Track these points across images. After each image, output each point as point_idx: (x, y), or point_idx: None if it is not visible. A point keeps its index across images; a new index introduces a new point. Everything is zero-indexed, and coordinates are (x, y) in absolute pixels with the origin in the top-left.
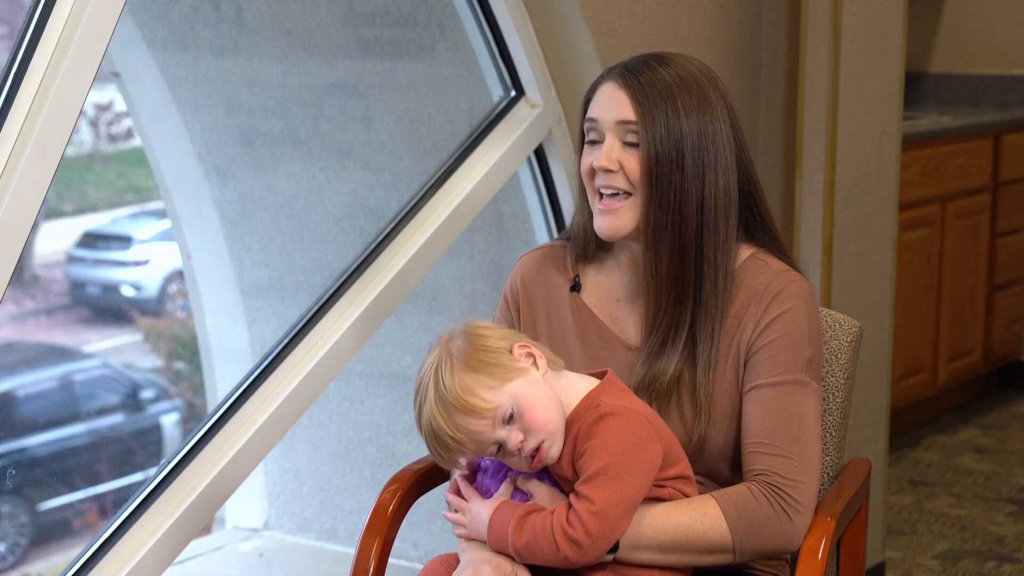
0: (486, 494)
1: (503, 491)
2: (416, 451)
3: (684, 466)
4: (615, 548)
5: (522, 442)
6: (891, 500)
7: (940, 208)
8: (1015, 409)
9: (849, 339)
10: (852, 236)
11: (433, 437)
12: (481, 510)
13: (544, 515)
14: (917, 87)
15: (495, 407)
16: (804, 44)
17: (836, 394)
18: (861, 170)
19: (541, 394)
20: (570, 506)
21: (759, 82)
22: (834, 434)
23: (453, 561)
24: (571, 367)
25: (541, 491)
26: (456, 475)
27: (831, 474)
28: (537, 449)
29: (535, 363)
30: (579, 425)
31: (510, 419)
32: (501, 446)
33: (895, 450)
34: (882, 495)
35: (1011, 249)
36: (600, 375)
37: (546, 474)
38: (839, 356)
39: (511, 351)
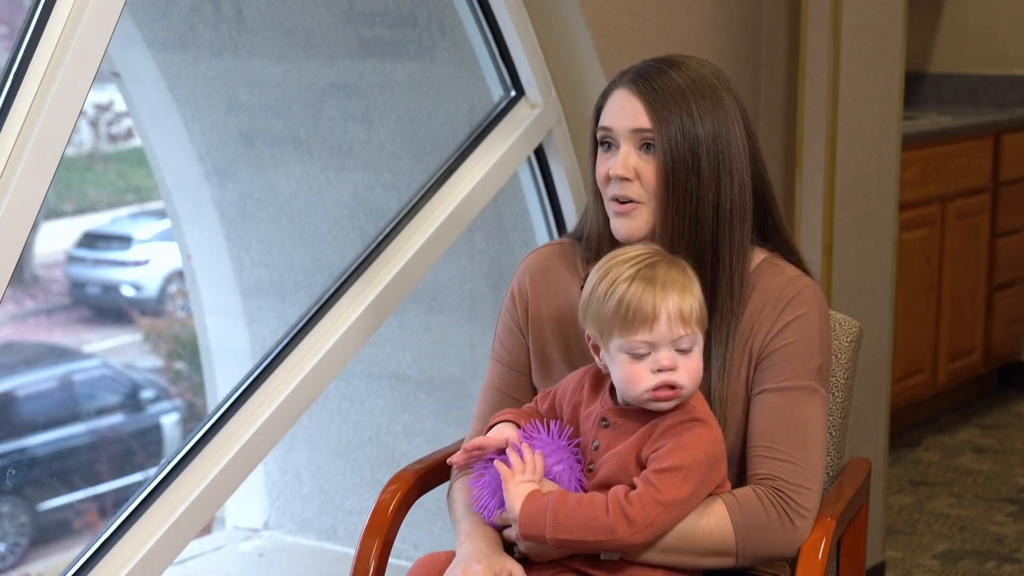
0: None
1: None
2: (416, 451)
3: (728, 487)
4: None
5: (671, 370)
6: (891, 500)
7: (940, 208)
8: (1015, 409)
9: (849, 339)
10: (852, 236)
11: (642, 292)
12: (524, 488)
13: (596, 492)
14: (917, 87)
15: (700, 322)
16: (804, 44)
17: (836, 394)
18: (861, 170)
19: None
20: (632, 487)
21: (759, 82)
22: (834, 434)
23: (442, 559)
24: (578, 367)
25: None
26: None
27: (831, 474)
28: (672, 388)
29: None
30: (665, 420)
31: (684, 349)
32: (649, 354)
33: (895, 450)
34: (882, 495)
35: (1011, 249)
36: None
37: (576, 483)
38: (839, 356)
39: None
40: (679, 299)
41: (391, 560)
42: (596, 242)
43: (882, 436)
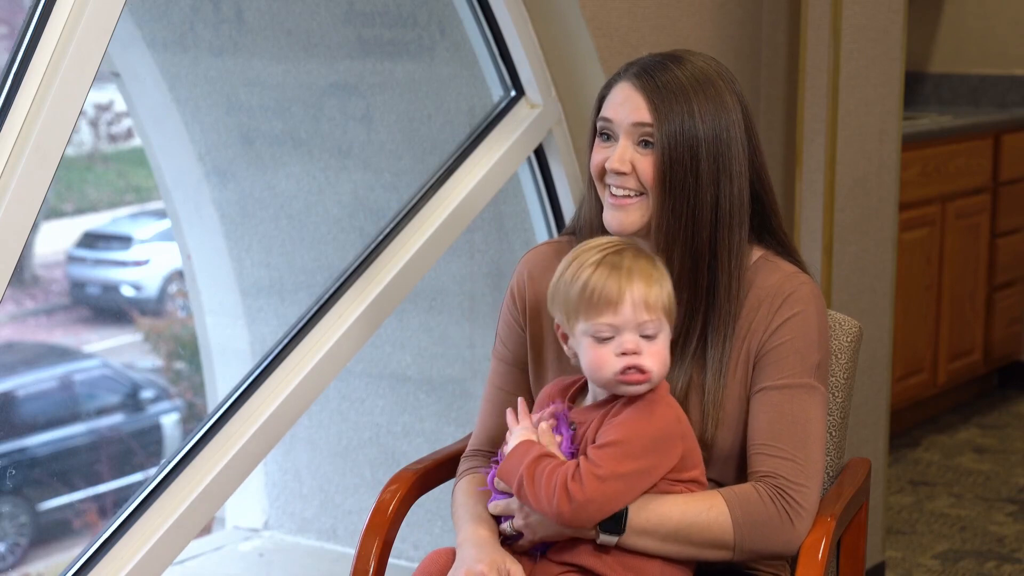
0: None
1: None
2: (416, 451)
3: (700, 472)
4: (620, 530)
5: (635, 354)
6: (891, 500)
7: (940, 208)
8: (1015, 409)
9: (849, 339)
10: (852, 236)
11: (607, 276)
12: (520, 434)
13: (560, 462)
14: (917, 87)
15: (667, 311)
16: (804, 44)
17: (836, 394)
18: (861, 170)
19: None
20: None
21: (759, 82)
22: (834, 434)
23: (453, 553)
24: (568, 368)
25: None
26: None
27: (831, 474)
28: (642, 372)
29: None
30: (616, 405)
31: (649, 335)
32: (613, 338)
33: (895, 450)
34: (882, 495)
35: (1011, 249)
36: None
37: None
38: (839, 356)
39: None
40: (644, 285)
41: (391, 560)
42: (588, 233)
43: (882, 436)
